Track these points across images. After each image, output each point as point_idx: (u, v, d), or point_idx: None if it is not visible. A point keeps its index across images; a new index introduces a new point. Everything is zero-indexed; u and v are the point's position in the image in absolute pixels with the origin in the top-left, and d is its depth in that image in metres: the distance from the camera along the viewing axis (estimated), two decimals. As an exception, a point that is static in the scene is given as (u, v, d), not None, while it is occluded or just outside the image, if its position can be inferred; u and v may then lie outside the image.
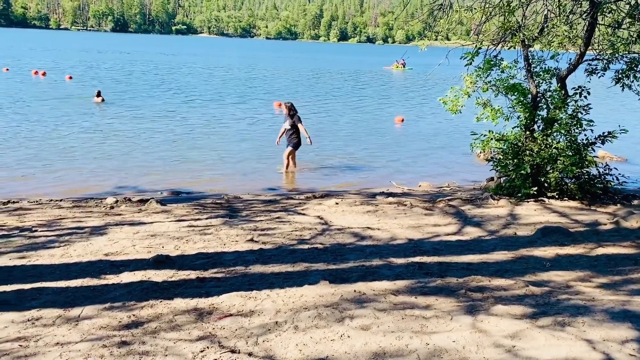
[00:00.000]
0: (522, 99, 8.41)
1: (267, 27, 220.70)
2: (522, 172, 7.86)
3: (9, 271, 4.62)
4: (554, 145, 7.94)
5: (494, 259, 5.11)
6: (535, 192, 7.90)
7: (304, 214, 7.23)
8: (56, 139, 13.55)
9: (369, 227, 6.40)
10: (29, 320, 3.55)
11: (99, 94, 20.55)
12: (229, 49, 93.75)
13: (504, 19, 8.29)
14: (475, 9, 8.67)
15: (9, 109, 17.96)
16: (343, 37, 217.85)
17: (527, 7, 8.53)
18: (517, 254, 5.32)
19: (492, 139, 8.46)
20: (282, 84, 32.83)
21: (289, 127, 11.17)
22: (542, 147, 7.88)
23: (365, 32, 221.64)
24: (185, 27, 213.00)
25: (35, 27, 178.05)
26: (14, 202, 8.17)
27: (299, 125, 11.18)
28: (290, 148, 11.20)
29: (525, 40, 8.28)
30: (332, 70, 47.89)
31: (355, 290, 3.98)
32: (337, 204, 7.79)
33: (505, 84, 8.51)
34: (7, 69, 32.34)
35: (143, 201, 8.17)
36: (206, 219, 6.87)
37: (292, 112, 11.25)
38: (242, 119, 18.04)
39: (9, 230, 6.18)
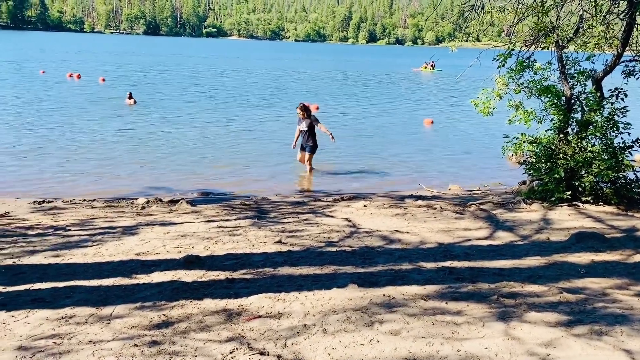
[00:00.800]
0: (555, 101, 8.24)
1: (295, 29, 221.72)
2: (556, 175, 7.69)
3: (44, 269, 4.72)
4: (588, 149, 7.75)
5: (527, 265, 5.00)
6: (569, 197, 7.71)
7: (332, 216, 7.21)
8: (89, 140, 13.84)
9: (397, 231, 6.34)
10: (62, 318, 3.62)
11: (130, 96, 20.91)
12: (259, 51, 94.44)
13: (538, 20, 8.12)
14: (507, 9, 8.52)
15: (44, 111, 18.43)
16: (372, 38, 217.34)
17: (561, 8, 8.34)
18: (550, 259, 5.19)
19: (524, 141, 8.31)
20: (312, 86, 32.91)
21: (306, 128, 11.04)
22: (577, 151, 7.70)
23: (394, 33, 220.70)
24: (215, 30, 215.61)
25: (70, 30, 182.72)
26: (48, 202, 8.37)
27: (319, 125, 11.02)
28: (308, 153, 11.13)
29: (560, 41, 8.10)
30: (361, 72, 47.80)
31: (384, 295, 3.94)
32: (365, 206, 7.74)
33: (539, 86, 8.34)
34: (44, 72, 33.24)
35: (174, 202, 8.26)
36: (235, 219, 6.91)
37: (307, 113, 11.12)
38: (272, 121, 18.12)
39: (44, 229, 6.33)
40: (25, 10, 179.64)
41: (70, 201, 8.47)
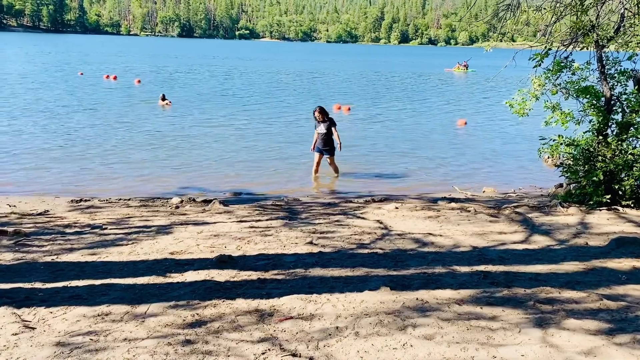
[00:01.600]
0: (594, 102, 8.01)
1: (327, 30, 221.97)
2: (594, 178, 7.48)
3: (81, 267, 4.82)
4: (629, 151, 7.52)
5: (564, 270, 4.87)
6: (608, 200, 7.49)
7: (363, 218, 7.17)
8: (124, 140, 14.12)
9: (430, 233, 6.26)
10: (99, 315, 3.68)
11: (163, 98, 21.27)
12: (292, 52, 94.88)
13: (576, 19, 7.92)
14: (544, 8, 8.33)
15: (82, 111, 18.89)
16: (404, 39, 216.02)
17: (601, 6, 8.11)
18: (588, 265, 5.05)
19: (561, 143, 8.11)
20: (346, 87, 32.87)
21: (325, 130, 10.91)
22: (616, 153, 7.48)
23: (427, 34, 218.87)
24: (248, 32, 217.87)
25: (107, 33, 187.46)
26: (85, 200, 8.56)
27: (333, 129, 10.93)
28: (329, 156, 11.03)
29: (599, 40, 7.88)
30: (394, 73, 47.52)
31: (417, 298, 3.89)
32: (397, 208, 7.67)
33: (577, 87, 8.13)
34: (82, 73, 34.12)
35: (207, 201, 8.35)
36: (266, 220, 6.93)
37: (326, 116, 10.99)
38: (305, 123, 18.15)
39: (81, 227, 6.47)
40: (64, 14, 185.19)
41: (107, 200, 8.65)
